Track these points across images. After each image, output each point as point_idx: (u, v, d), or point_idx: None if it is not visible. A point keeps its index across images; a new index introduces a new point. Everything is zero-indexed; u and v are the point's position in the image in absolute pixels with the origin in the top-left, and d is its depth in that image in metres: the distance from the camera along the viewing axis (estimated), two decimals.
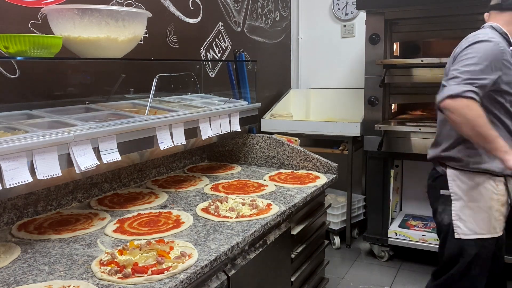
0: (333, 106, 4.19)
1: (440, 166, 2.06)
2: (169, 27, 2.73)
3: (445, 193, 2.00)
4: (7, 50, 1.53)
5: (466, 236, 1.95)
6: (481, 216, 1.94)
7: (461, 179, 1.97)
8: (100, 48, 1.80)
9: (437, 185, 2.06)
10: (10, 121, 1.62)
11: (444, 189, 2.00)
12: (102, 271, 1.34)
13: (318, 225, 2.51)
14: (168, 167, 2.65)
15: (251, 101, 2.76)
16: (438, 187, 2.05)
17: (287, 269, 2.11)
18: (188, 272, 1.34)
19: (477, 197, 1.94)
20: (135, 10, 1.99)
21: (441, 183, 2.03)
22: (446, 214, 2.01)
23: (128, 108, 2.18)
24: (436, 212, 2.08)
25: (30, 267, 1.42)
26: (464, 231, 1.95)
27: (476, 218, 1.94)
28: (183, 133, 2.08)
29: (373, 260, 3.54)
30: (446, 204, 2.00)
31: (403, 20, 3.45)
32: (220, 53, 3.28)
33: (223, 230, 1.70)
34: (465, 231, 1.95)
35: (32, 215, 1.87)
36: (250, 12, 3.69)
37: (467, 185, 1.95)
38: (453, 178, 1.99)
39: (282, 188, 2.28)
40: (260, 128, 3.77)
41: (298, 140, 2.97)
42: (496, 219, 1.94)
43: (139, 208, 1.98)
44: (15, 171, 1.37)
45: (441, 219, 2.05)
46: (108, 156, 1.70)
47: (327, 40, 4.33)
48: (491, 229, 1.94)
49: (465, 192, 1.95)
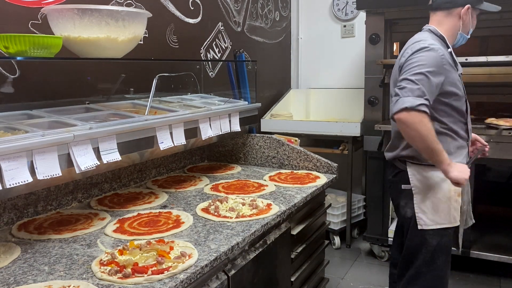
0: (333, 106, 4.19)
1: (400, 162, 2.12)
2: (169, 27, 2.73)
3: (406, 187, 2.07)
4: (7, 50, 1.53)
5: (428, 227, 2.02)
6: (441, 207, 2.01)
7: (420, 174, 2.04)
8: (100, 48, 1.80)
9: (398, 180, 2.12)
10: (10, 121, 1.62)
11: (405, 184, 2.07)
12: (102, 271, 1.34)
13: (318, 225, 2.51)
14: (168, 167, 2.65)
15: (251, 101, 2.76)
16: (399, 182, 2.11)
17: (287, 269, 2.11)
18: (188, 272, 1.34)
19: (437, 190, 2.01)
20: (135, 10, 1.99)
21: (401, 178, 2.10)
22: (408, 207, 2.07)
23: (128, 108, 2.18)
24: (399, 207, 2.14)
25: (30, 267, 1.42)
26: (426, 222, 2.02)
27: (436, 209, 2.01)
28: (183, 133, 2.08)
29: (373, 260, 3.54)
30: (408, 198, 2.07)
31: (403, 20, 3.45)
32: (220, 53, 3.28)
33: (223, 230, 1.70)
34: (427, 222, 2.02)
35: (32, 215, 1.87)
36: (250, 12, 3.69)
37: (426, 178, 2.03)
38: (413, 173, 2.06)
39: (282, 188, 2.28)
40: (260, 128, 3.77)
41: (298, 140, 2.97)
42: (455, 209, 2.03)
43: (139, 208, 1.98)
44: (15, 171, 1.37)
45: (404, 213, 2.10)
46: (108, 156, 1.70)
47: (327, 40, 4.33)
48: (451, 219, 2.03)
49: (425, 186, 2.03)
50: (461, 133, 2.04)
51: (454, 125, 2.02)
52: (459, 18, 2.01)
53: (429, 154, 1.89)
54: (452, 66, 1.98)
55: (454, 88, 1.97)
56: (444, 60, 1.92)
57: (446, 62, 1.93)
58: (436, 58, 1.90)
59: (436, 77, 1.87)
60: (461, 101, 2.02)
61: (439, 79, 1.89)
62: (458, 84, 2.00)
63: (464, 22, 2.02)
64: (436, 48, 1.92)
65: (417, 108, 1.78)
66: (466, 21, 2.02)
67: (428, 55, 1.89)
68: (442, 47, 1.98)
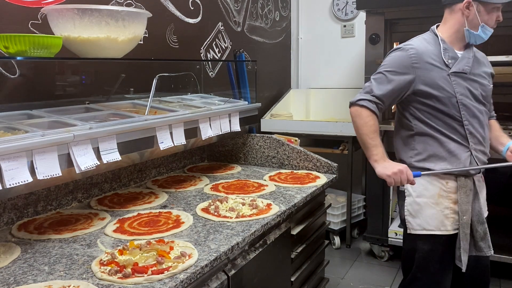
0: (333, 106, 4.19)
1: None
2: (169, 27, 2.73)
3: (401, 189, 2.06)
4: (7, 50, 1.53)
5: (416, 232, 1.98)
6: (429, 212, 1.95)
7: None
8: (100, 48, 1.80)
9: None
10: (10, 121, 1.62)
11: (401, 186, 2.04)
12: (102, 271, 1.34)
13: (318, 225, 2.51)
14: (168, 167, 2.65)
15: (251, 101, 2.76)
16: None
17: (287, 269, 2.11)
18: (188, 272, 1.34)
19: (424, 193, 1.97)
20: (135, 10, 1.99)
21: None
22: (402, 209, 2.05)
23: (128, 108, 2.18)
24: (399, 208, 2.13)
25: (30, 267, 1.42)
26: (414, 226, 1.99)
27: (423, 214, 1.96)
28: (183, 133, 2.08)
29: (373, 260, 3.54)
30: (402, 199, 2.05)
31: (403, 20, 3.45)
32: (220, 53, 3.28)
33: (223, 230, 1.70)
34: (414, 226, 1.99)
35: (32, 215, 1.87)
36: (250, 12, 3.69)
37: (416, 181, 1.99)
38: None
39: (282, 188, 2.28)
40: (260, 128, 3.77)
41: (298, 140, 2.97)
42: (446, 217, 1.94)
43: (139, 208, 1.98)
44: (15, 171, 1.37)
45: (401, 214, 2.09)
46: (108, 156, 1.70)
47: (327, 40, 4.33)
48: (440, 225, 1.95)
49: (414, 188, 1.99)
50: (455, 137, 1.93)
51: (444, 128, 1.94)
52: (462, 14, 1.95)
53: (362, 146, 1.97)
54: (437, 65, 1.91)
55: (429, 89, 1.90)
56: (415, 59, 1.90)
57: (419, 60, 1.90)
58: (402, 57, 1.92)
59: (397, 76, 1.91)
60: (447, 102, 1.91)
61: (403, 77, 1.90)
62: (442, 84, 1.90)
63: (468, 18, 1.94)
64: (407, 48, 1.92)
65: (356, 102, 1.94)
66: (471, 16, 1.93)
67: (394, 55, 1.96)
68: (431, 45, 1.95)
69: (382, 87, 1.92)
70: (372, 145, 1.92)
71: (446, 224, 1.95)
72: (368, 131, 1.92)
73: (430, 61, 1.92)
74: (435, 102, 1.92)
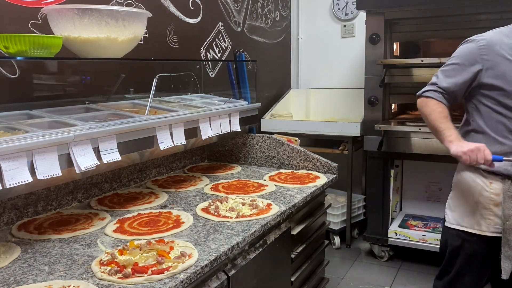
0: (333, 106, 4.19)
1: None
2: (169, 27, 2.73)
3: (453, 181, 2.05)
4: (7, 50, 1.53)
5: (451, 225, 1.98)
6: (466, 209, 1.94)
7: (459, 171, 2.02)
8: (100, 48, 1.80)
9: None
10: (10, 121, 1.62)
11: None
12: (102, 271, 1.34)
13: (318, 225, 2.51)
14: (168, 167, 2.65)
15: (251, 101, 2.76)
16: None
17: (287, 269, 2.11)
18: (188, 272, 1.34)
19: (465, 190, 1.96)
20: (135, 10, 1.99)
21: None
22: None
23: (128, 108, 2.18)
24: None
25: (30, 267, 1.42)
26: (450, 219, 1.99)
27: (461, 210, 1.96)
28: (183, 133, 2.08)
29: (373, 260, 3.54)
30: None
31: (403, 20, 3.45)
32: (220, 53, 3.28)
33: (223, 230, 1.70)
34: (450, 220, 1.99)
35: (32, 215, 1.87)
36: (250, 12, 3.69)
37: (461, 176, 1.99)
38: (457, 169, 2.03)
39: (282, 188, 2.28)
40: (260, 128, 3.77)
41: (298, 140, 2.97)
42: (482, 217, 1.89)
43: (139, 208, 1.98)
44: (15, 171, 1.37)
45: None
46: (108, 156, 1.70)
47: (327, 40, 4.33)
48: (474, 224, 1.91)
49: (456, 183, 2.00)
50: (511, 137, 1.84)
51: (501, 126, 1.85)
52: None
53: (434, 133, 1.93)
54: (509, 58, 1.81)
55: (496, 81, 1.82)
56: (484, 51, 1.83)
57: (488, 52, 1.82)
58: (470, 49, 1.87)
59: (464, 67, 1.87)
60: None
61: (469, 69, 1.86)
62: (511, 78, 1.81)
63: None
64: (478, 39, 1.86)
65: (422, 94, 1.97)
66: None
67: (463, 47, 1.92)
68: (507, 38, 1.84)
69: (448, 79, 1.91)
70: (444, 128, 1.86)
71: (481, 224, 1.90)
72: (437, 116, 1.89)
73: (503, 53, 1.82)
74: (499, 95, 1.84)
